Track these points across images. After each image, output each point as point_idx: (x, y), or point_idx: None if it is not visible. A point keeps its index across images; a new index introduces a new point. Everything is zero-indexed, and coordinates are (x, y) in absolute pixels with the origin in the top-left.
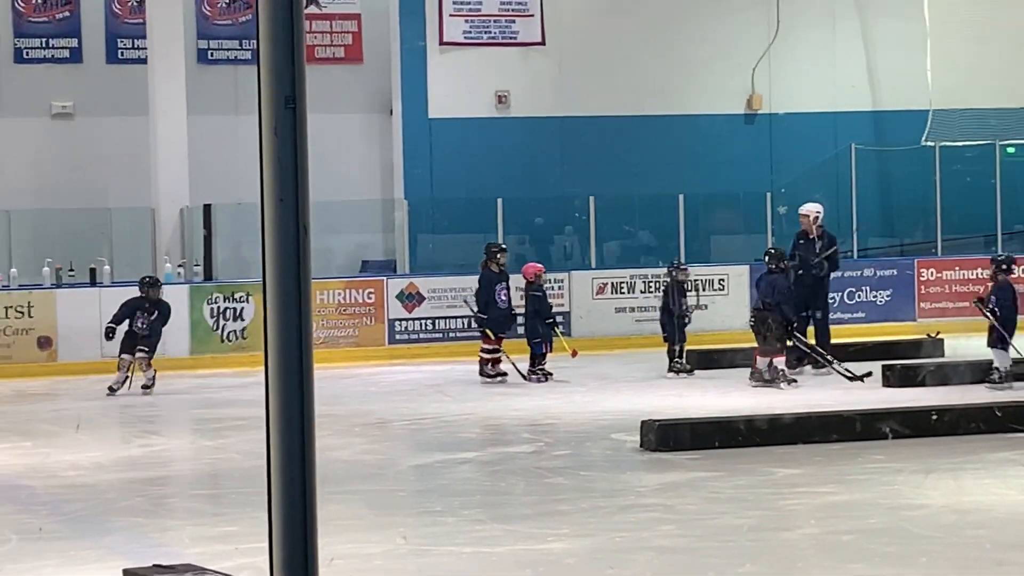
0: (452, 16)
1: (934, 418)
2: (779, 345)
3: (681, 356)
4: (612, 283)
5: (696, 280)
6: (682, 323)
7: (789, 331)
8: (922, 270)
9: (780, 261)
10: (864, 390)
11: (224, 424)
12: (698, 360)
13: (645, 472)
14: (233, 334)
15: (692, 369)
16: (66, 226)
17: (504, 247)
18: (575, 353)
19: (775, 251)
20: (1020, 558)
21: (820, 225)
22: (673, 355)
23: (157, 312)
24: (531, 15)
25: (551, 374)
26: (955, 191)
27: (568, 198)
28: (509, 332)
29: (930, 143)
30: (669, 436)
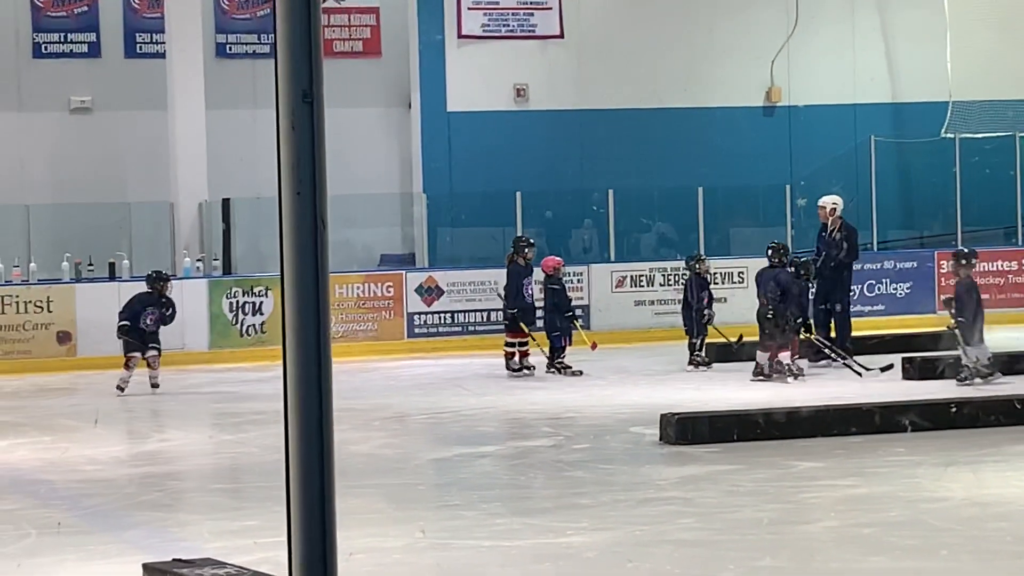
0: (470, 9)
1: (954, 411)
2: (780, 340)
3: (701, 349)
4: (631, 276)
5: (712, 285)
6: (700, 317)
7: (797, 326)
8: (942, 262)
9: (782, 256)
10: (883, 383)
11: (243, 419)
12: (717, 353)
13: (664, 466)
14: (252, 328)
15: (711, 362)
16: (85, 221)
17: (532, 241)
18: (595, 345)
19: (777, 245)
20: None
21: (839, 217)
22: (693, 348)
23: (171, 309)
24: (549, 8)
25: (580, 372)
26: (975, 183)
27: (587, 191)
28: (532, 326)
29: (950, 135)
30: (688, 429)
